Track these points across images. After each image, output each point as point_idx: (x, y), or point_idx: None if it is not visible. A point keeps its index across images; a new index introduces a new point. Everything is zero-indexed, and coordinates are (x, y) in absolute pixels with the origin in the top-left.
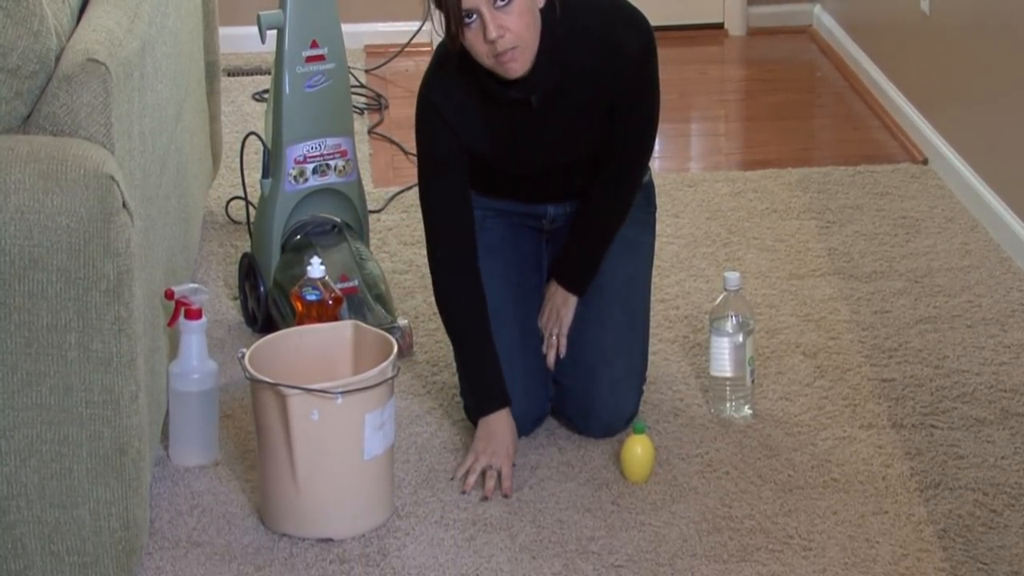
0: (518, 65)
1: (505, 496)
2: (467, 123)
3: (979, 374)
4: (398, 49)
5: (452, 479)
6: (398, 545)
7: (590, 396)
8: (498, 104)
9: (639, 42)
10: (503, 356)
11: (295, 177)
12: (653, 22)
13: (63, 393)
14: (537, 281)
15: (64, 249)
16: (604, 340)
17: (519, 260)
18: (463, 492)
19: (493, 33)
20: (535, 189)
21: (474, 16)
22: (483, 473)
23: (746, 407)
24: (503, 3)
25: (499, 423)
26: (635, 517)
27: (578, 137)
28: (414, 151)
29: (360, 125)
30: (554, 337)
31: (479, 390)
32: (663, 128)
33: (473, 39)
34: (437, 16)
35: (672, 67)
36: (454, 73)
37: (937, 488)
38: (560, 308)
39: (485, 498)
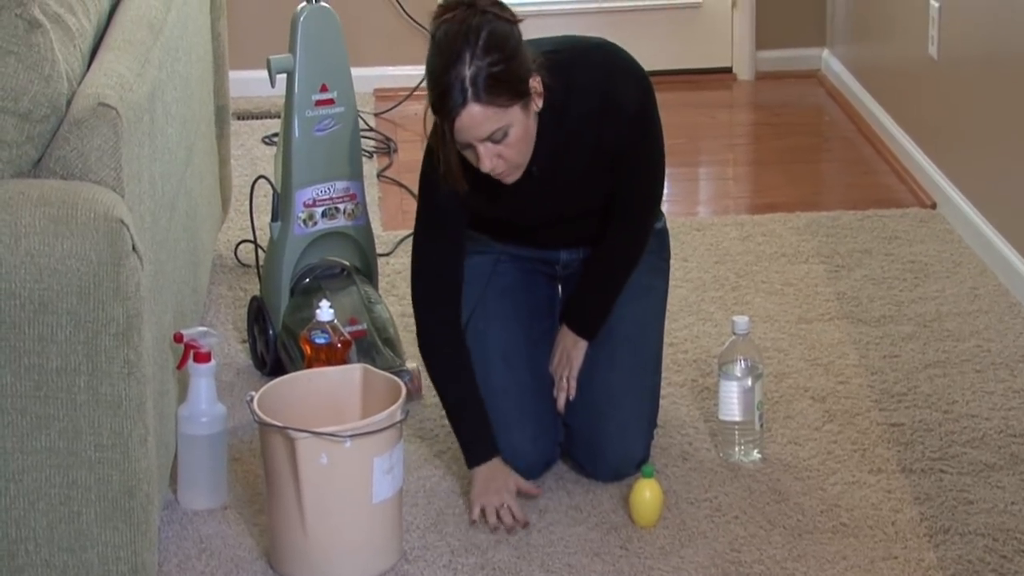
0: (513, 178)
1: (524, 526)
2: (470, 189)
3: (988, 419)
4: (407, 93)
5: (473, 523)
6: None
7: (599, 439)
8: None
9: (637, 97)
10: (514, 399)
11: (304, 221)
12: (662, 66)
13: (72, 436)
14: (549, 325)
15: (74, 292)
16: (613, 383)
17: (531, 304)
18: (493, 530)
19: (487, 166)
20: (547, 236)
21: (468, 147)
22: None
23: (755, 451)
24: (499, 138)
25: (492, 468)
26: (644, 562)
27: (583, 193)
28: (416, 216)
29: (369, 168)
30: (564, 380)
31: (467, 443)
32: (672, 172)
33: (469, 156)
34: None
35: (680, 111)
36: None
37: (947, 533)
38: (570, 351)
39: (510, 530)
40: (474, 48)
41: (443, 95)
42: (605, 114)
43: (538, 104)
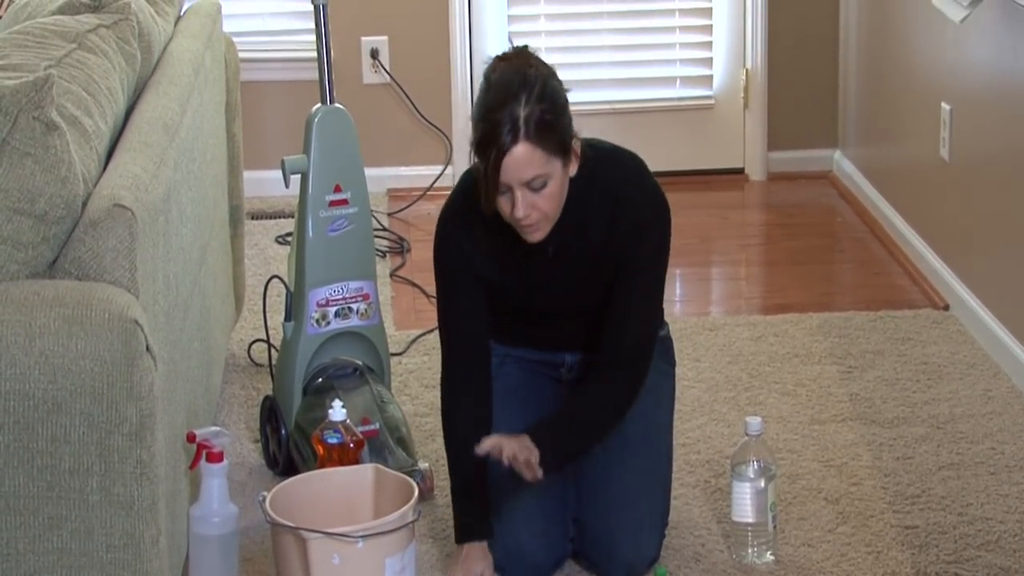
0: (539, 235)
1: None
2: (482, 255)
3: (1003, 522)
4: (420, 193)
5: None
6: None
7: (612, 537)
8: (514, 246)
9: (651, 212)
10: (520, 496)
11: (317, 320)
12: (674, 167)
13: (84, 537)
14: None
15: (88, 393)
16: (627, 481)
17: (535, 403)
18: None
19: (521, 212)
20: (551, 335)
21: (507, 190)
22: None
23: (768, 553)
24: (538, 186)
25: (477, 550)
26: None
27: (589, 288)
28: (436, 294)
29: (382, 268)
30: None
31: (462, 519)
32: (684, 272)
33: (503, 203)
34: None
35: (693, 212)
36: (475, 205)
37: None
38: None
39: None
40: (530, 93)
41: (495, 130)
42: (618, 215)
43: (574, 168)
